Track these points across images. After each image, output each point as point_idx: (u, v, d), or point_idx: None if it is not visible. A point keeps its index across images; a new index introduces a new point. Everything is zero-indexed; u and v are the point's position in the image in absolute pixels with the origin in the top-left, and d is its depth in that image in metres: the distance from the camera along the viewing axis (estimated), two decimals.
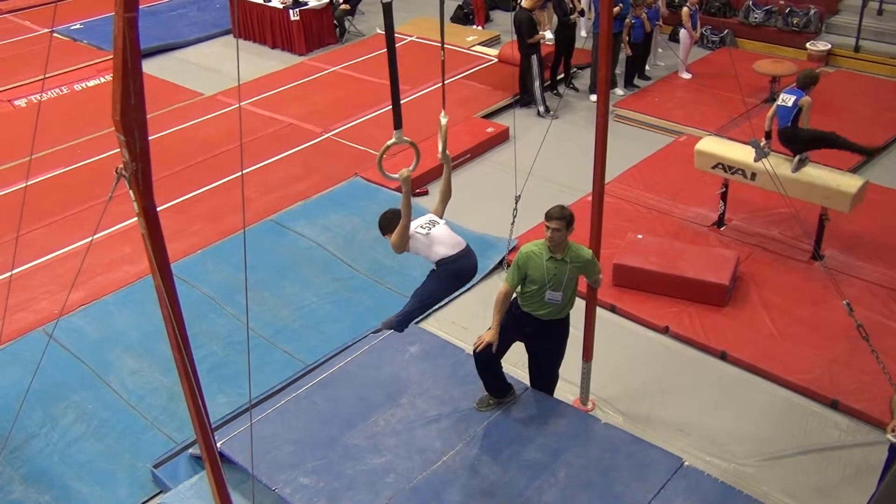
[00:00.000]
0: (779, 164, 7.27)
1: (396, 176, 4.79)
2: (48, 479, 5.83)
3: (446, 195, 5.26)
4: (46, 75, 12.55)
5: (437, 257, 5.09)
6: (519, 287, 5.24)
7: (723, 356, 6.68)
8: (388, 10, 4.32)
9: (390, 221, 5.09)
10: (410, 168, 4.83)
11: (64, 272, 7.95)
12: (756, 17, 12.93)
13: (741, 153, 7.73)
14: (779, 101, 7.67)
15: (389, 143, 4.69)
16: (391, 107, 4.61)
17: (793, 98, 7.47)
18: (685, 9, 11.47)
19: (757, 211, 8.32)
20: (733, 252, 7.56)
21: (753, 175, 7.63)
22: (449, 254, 5.07)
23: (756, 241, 7.98)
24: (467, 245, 5.17)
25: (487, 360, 5.44)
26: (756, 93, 10.78)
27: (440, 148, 5.00)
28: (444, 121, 4.94)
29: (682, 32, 11.63)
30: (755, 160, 7.42)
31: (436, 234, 5.10)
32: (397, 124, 4.63)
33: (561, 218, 4.99)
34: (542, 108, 10.99)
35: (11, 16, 15.82)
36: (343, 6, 14.19)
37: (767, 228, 8.13)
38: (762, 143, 7.42)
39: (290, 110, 11.42)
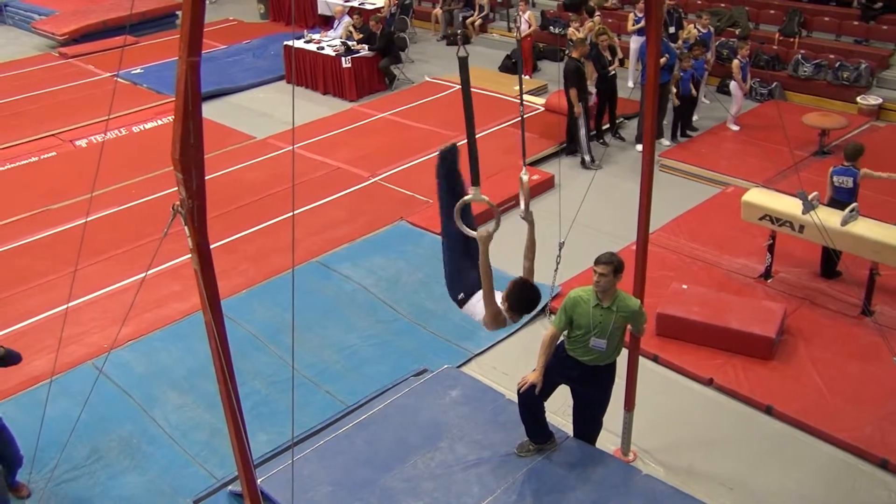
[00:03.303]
0: (827, 218, 7.20)
1: (474, 235, 4.55)
2: None
3: (531, 252, 5.06)
4: (109, 116, 12.97)
5: None
6: (565, 331, 5.25)
7: (768, 410, 6.56)
8: (463, 64, 4.19)
9: (520, 299, 4.85)
10: (490, 229, 4.46)
11: (114, 307, 8.13)
12: (805, 71, 12.88)
13: (789, 205, 7.65)
14: (836, 184, 7.85)
15: (467, 198, 4.51)
16: (469, 162, 4.40)
17: (851, 179, 7.72)
18: (736, 61, 11.47)
19: (805, 264, 8.21)
20: (780, 304, 7.44)
21: (801, 227, 7.55)
22: None
23: (804, 294, 7.86)
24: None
25: (531, 402, 5.43)
26: (804, 146, 10.70)
27: (522, 206, 4.83)
28: (525, 178, 4.78)
29: (733, 85, 11.63)
30: (803, 212, 7.37)
31: None
32: (475, 181, 4.40)
33: (609, 263, 5.00)
34: (587, 157, 11.03)
35: (76, 60, 16.47)
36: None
37: (816, 282, 8.01)
38: (810, 196, 7.38)
39: (339, 154, 11.64)
